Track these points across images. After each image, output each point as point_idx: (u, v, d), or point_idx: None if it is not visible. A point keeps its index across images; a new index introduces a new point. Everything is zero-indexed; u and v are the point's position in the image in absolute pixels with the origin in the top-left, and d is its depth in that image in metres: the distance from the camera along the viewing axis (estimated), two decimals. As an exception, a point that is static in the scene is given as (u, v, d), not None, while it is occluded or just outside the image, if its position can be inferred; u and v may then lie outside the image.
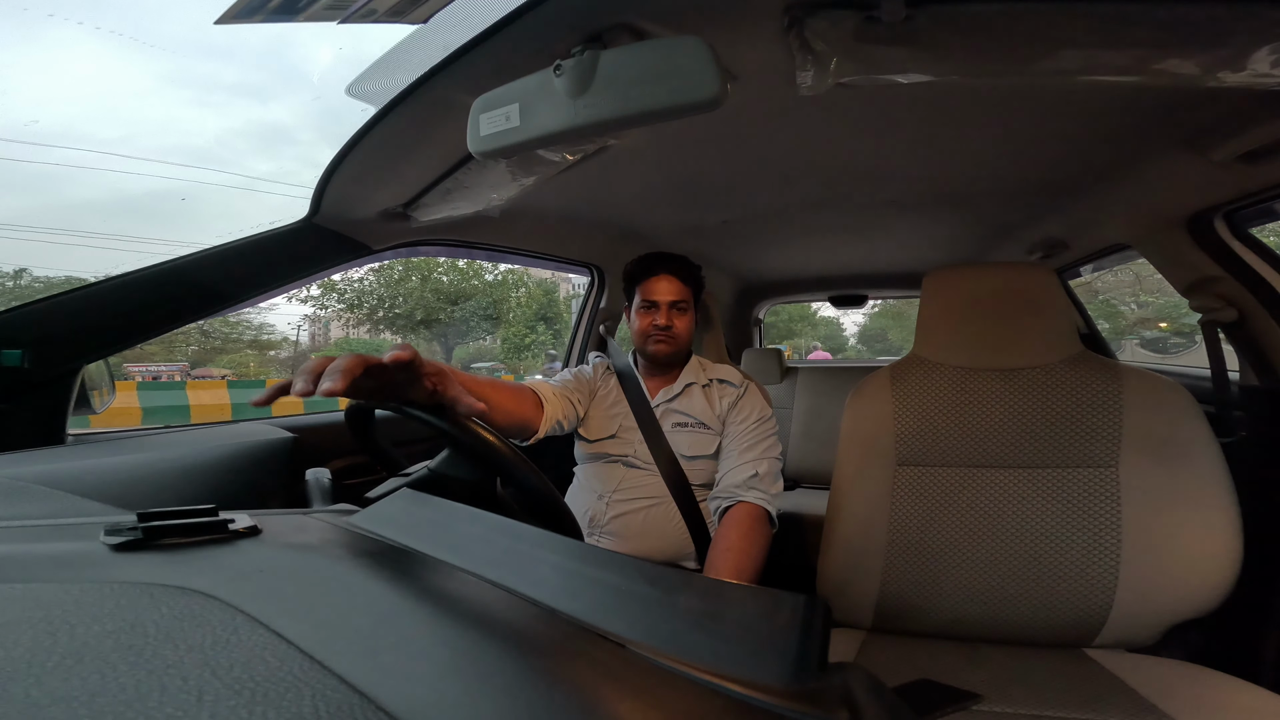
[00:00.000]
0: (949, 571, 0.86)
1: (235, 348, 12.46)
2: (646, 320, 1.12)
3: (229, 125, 42.54)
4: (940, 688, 0.73)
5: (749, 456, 1.03)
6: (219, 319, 7.62)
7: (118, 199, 28.03)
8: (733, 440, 1.06)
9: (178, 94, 46.51)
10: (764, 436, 1.06)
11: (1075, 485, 0.84)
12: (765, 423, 1.08)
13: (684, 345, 1.14)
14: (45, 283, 9.12)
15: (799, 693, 0.23)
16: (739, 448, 1.04)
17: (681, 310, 1.13)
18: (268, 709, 0.17)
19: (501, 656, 0.23)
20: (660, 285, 1.12)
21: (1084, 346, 0.90)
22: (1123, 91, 0.75)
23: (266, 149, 38.80)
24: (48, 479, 0.55)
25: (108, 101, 53.46)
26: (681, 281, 1.13)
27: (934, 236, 1.70)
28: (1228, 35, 0.52)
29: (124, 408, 6.85)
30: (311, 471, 0.68)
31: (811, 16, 0.54)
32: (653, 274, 1.13)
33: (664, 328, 1.11)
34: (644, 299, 1.13)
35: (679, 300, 1.12)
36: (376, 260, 1.11)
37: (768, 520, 0.98)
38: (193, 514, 0.34)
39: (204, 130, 40.64)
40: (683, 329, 1.13)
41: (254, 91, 49.74)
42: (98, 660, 0.19)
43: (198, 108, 43.51)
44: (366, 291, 13.82)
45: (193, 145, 38.09)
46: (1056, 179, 1.16)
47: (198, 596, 0.25)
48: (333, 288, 13.44)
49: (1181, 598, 0.78)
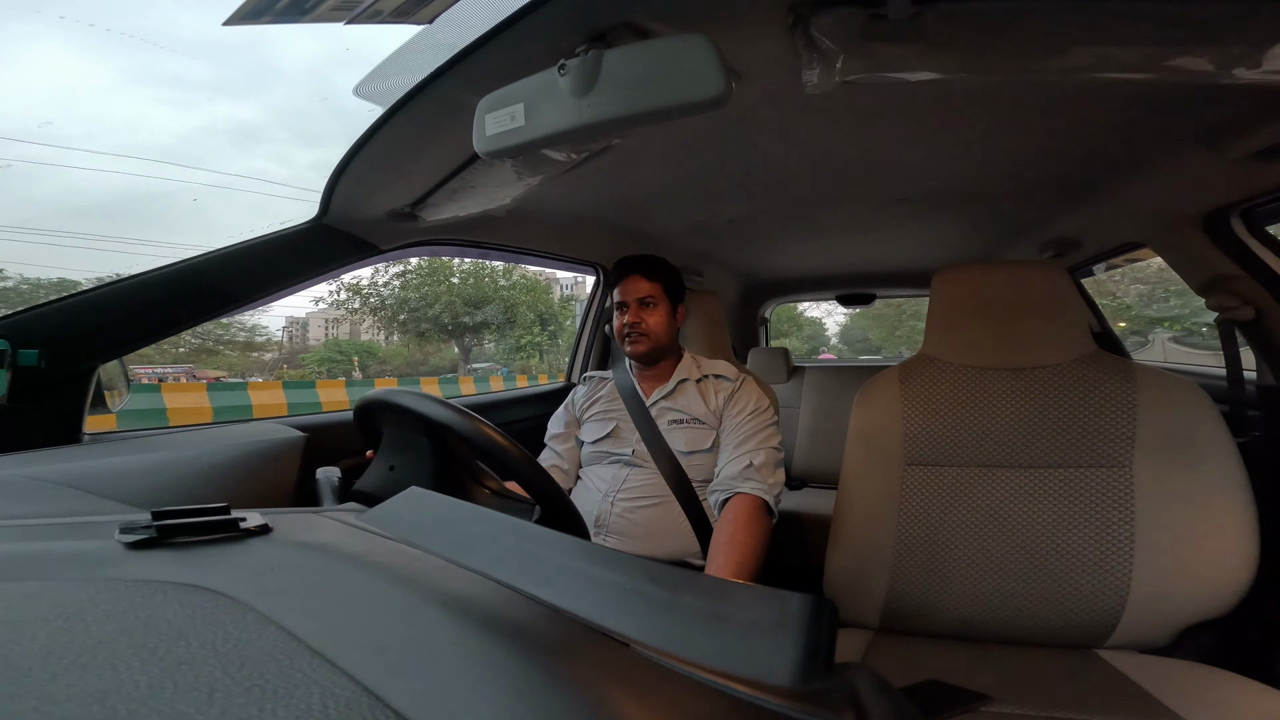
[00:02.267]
0: (958, 572, 0.85)
1: (230, 349, 12.56)
2: (620, 320, 1.15)
3: (197, 124, 42.08)
4: (948, 689, 0.72)
5: (746, 448, 1.03)
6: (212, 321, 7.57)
7: (81, 198, 27.85)
8: (729, 433, 1.06)
9: (143, 91, 45.89)
10: (761, 427, 1.06)
11: (1088, 485, 0.83)
12: (761, 414, 1.07)
13: (661, 342, 1.14)
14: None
15: (805, 693, 0.23)
16: (735, 440, 1.05)
17: (650, 306, 1.14)
18: (277, 706, 0.17)
19: (507, 655, 0.23)
20: (629, 285, 1.14)
21: (1097, 346, 0.90)
22: (1135, 88, 0.74)
23: (238, 147, 38.54)
24: (64, 478, 0.56)
25: (67, 97, 52.54)
26: (647, 278, 1.14)
27: (943, 235, 1.69)
28: (1243, 31, 0.51)
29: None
30: (322, 470, 0.69)
31: (817, 14, 0.54)
32: (624, 276, 1.16)
33: (633, 325, 1.12)
34: (618, 300, 1.16)
35: (646, 296, 1.14)
36: (384, 260, 1.11)
37: (765, 510, 0.97)
38: (205, 513, 0.35)
39: (171, 129, 40.12)
40: (654, 324, 1.13)
41: (226, 89, 49.21)
42: (112, 657, 0.19)
43: (165, 105, 42.82)
44: (392, 296, 14.35)
45: (159, 144, 37.63)
46: (1068, 177, 1.15)
47: (210, 594, 0.26)
48: (358, 291, 13.98)
49: (1196, 599, 0.77)
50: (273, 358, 14.69)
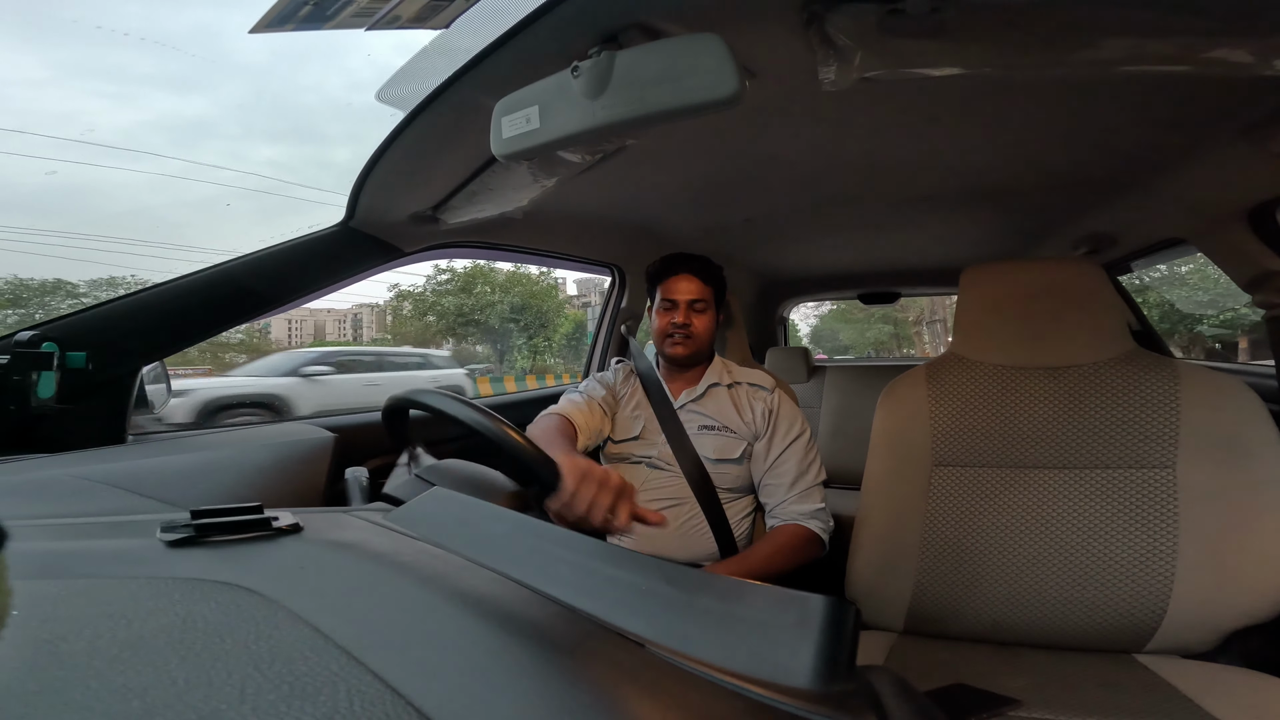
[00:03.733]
0: (988, 573, 0.83)
1: (222, 350, 12.82)
2: (666, 319, 1.12)
3: (141, 118, 41.26)
4: (976, 692, 0.71)
5: (807, 480, 1.05)
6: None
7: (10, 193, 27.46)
8: (784, 461, 1.06)
9: (83, 84, 45.02)
10: (814, 458, 1.08)
11: (1128, 486, 0.80)
12: (809, 439, 1.09)
13: (703, 345, 1.13)
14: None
15: (824, 696, 0.23)
16: (794, 473, 1.05)
17: (700, 310, 1.12)
18: (305, 703, 0.18)
19: (524, 655, 0.24)
20: (680, 285, 1.12)
21: (1137, 344, 0.87)
22: (1171, 80, 0.71)
23: (184, 142, 38.07)
24: (109, 478, 0.59)
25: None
26: (701, 281, 1.12)
27: (970, 232, 1.65)
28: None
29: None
30: (350, 470, 0.70)
31: (832, 11, 0.53)
32: (673, 273, 1.13)
33: (682, 326, 1.10)
34: (664, 298, 1.13)
35: (698, 299, 1.12)
36: (408, 263, 1.14)
37: (819, 545, 1.02)
38: (240, 511, 0.36)
39: (113, 123, 39.37)
40: (701, 329, 1.12)
41: (172, 82, 47.89)
42: (151, 654, 0.20)
43: (105, 99, 41.71)
44: (440, 303, 15.30)
45: (98, 138, 37.16)
46: (1101, 172, 1.11)
47: (244, 592, 0.27)
48: (410, 296, 15.17)
49: (1242, 603, 0.75)
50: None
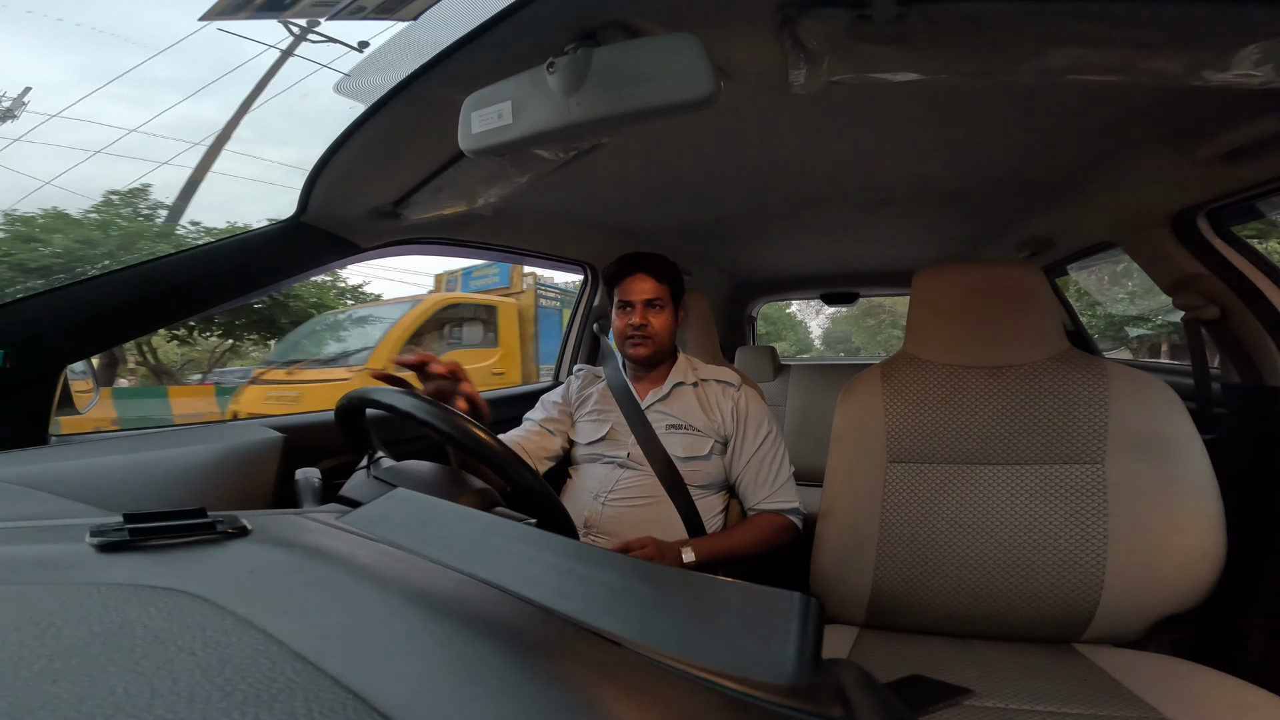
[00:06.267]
0: (940, 567, 0.87)
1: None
2: (624, 321, 1.11)
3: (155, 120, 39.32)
4: (932, 683, 0.73)
5: (781, 480, 1.08)
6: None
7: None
8: (760, 464, 1.08)
9: (95, 86, 42.48)
10: (783, 454, 1.11)
11: (1062, 482, 0.85)
12: (776, 436, 1.11)
13: (664, 344, 1.13)
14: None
15: (793, 689, 0.23)
16: (769, 473, 1.08)
17: (658, 308, 1.12)
18: (260, 710, 0.17)
19: (496, 656, 0.23)
20: (635, 285, 1.10)
21: (1070, 344, 0.92)
22: (1108, 90, 0.76)
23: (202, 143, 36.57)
24: (30, 480, 0.54)
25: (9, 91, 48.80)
26: (656, 279, 1.12)
27: (925, 234, 1.71)
28: (1212, 34, 0.52)
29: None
30: (301, 471, 0.67)
31: (804, 15, 0.54)
32: (628, 274, 1.11)
33: (639, 327, 1.10)
34: (620, 299, 1.12)
35: (654, 298, 1.11)
36: (367, 259, 1.09)
37: (794, 532, 1.07)
38: (180, 515, 0.34)
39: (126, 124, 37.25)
40: (660, 327, 1.11)
41: (184, 86, 46.71)
42: (86, 662, 0.19)
43: (119, 102, 39.68)
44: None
45: (109, 138, 34.93)
46: (1044, 177, 1.17)
47: (186, 597, 0.25)
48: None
49: (1166, 592, 0.79)
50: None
